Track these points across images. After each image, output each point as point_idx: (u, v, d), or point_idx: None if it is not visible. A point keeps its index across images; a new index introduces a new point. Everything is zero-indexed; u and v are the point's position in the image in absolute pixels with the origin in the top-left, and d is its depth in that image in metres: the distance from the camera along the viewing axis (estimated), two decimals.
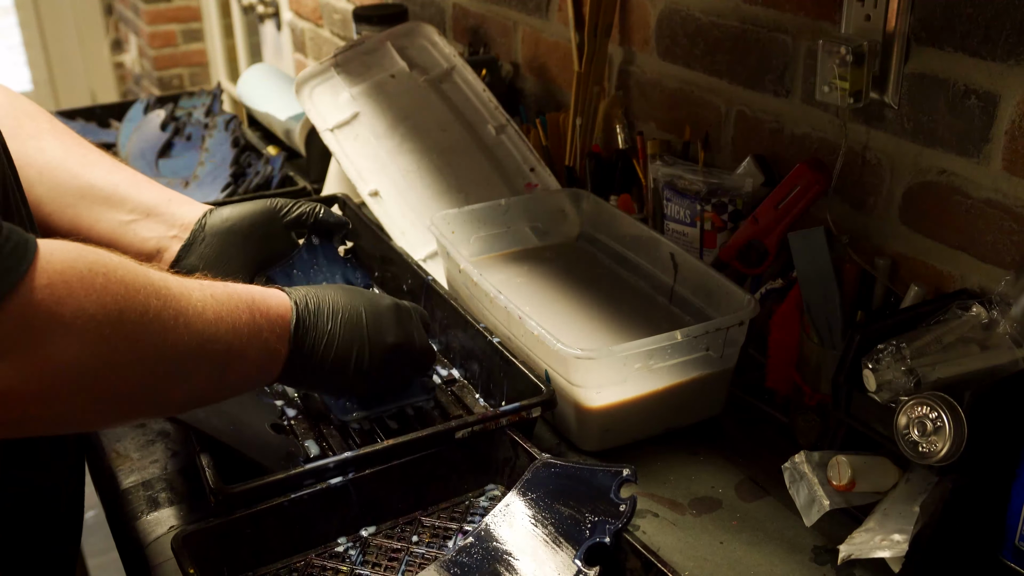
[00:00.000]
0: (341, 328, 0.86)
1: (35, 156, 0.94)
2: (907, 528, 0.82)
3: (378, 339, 0.89)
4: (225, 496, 0.83)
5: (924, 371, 0.83)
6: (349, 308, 0.88)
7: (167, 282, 0.71)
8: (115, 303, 0.65)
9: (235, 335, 0.76)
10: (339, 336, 0.86)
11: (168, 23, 3.90)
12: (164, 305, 0.69)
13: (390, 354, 0.90)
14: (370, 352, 0.88)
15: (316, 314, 0.85)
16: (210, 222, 0.99)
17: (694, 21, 1.29)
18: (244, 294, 0.80)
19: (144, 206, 0.97)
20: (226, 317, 0.75)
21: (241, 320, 0.77)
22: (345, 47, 1.46)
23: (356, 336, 0.87)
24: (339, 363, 0.86)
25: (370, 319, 0.89)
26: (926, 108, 1.01)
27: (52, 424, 0.68)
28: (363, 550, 0.87)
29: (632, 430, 1.03)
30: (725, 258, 1.17)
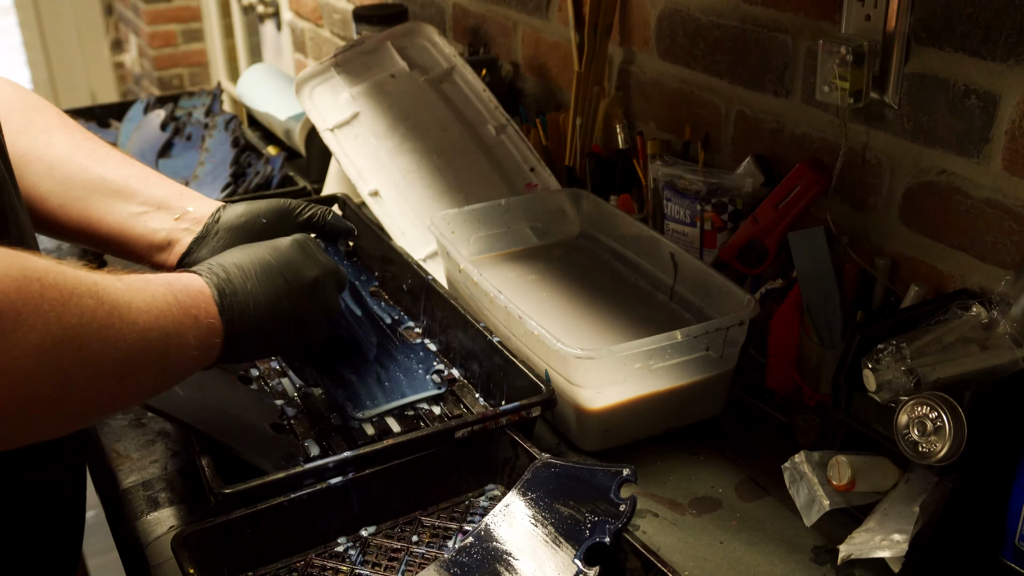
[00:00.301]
0: (259, 282, 0.84)
1: (45, 150, 0.94)
2: (907, 528, 0.82)
3: (297, 280, 0.87)
4: (225, 496, 0.83)
5: (924, 371, 0.83)
6: (257, 262, 0.86)
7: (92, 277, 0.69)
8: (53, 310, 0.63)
9: (168, 320, 0.74)
10: (261, 291, 0.84)
11: (168, 23, 3.90)
12: (99, 303, 0.67)
13: (314, 288, 0.88)
14: (297, 295, 0.87)
15: (229, 280, 0.83)
16: (224, 217, 0.98)
17: (694, 21, 1.29)
18: (157, 278, 0.78)
19: (155, 199, 0.97)
20: (153, 304, 0.73)
21: (167, 304, 0.75)
22: (345, 47, 1.46)
23: (276, 285, 0.85)
24: (273, 317, 0.85)
25: (281, 264, 0.87)
26: (926, 108, 1.01)
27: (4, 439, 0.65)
28: (363, 550, 0.87)
29: (632, 430, 1.03)
30: (725, 258, 1.17)
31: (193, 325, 0.77)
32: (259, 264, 0.85)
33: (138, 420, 1.06)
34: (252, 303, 0.83)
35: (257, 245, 0.88)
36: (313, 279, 0.88)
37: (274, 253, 0.87)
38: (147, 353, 0.72)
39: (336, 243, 1.11)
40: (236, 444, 0.90)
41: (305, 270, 0.88)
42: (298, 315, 0.87)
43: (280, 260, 0.87)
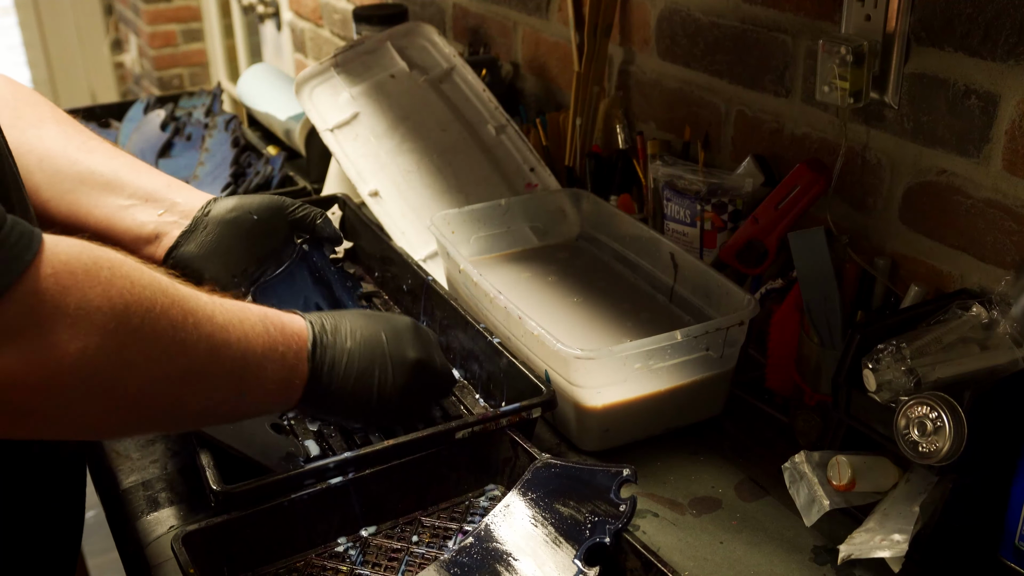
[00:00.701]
0: (361, 346, 0.85)
1: (35, 143, 0.94)
2: (907, 528, 0.82)
3: (399, 356, 0.87)
4: (225, 496, 0.83)
5: (924, 371, 0.83)
6: (367, 328, 0.86)
7: (174, 283, 0.70)
8: (120, 297, 0.64)
9: (249, 345, 0.74)
10: (359, 355, 0.84)
11: (168, 23, 3.90)
12: (172, 303, 0.68)
13: (412, 372, 0.88)
14: (393, 370, 0.86)
15: (333, 333, 0.84)
16: (214, 211, 0.97)
17: (694, 21, 1.29)
18: (256, 308, 0.78)
19: (143, 191, 0.96)
20: (238, 325, 0.73)
21: (255, 331, 0.75)
22: (345, 47, 1.46)
23: (377, 354, 0.85)
24: (361, 383, 0.85)
25: (390, 337, 0.87)
26: (926, 108, 1.01)
27: (57, 422, 0.67)
28: (363, 550, 0.87)
29: (632, 430, 1.03)
30: (725, 258, 1.17)
31: (278, 360, 0.77)
32: (367, 328, 0.86)
33: None
34: (345, 360, 0.83)
35: (376, 313, 0.90)
36: (415, 361, 0.88)
37: (388, 325, 0.88)
38: (218, 369, 0.72)
39: (322, 248, 1.10)
40: (236, 444, 0.90)
41: (409, 351, 0.88)
42: (382, 390, 0.86)
43: (390, 332, 0.87)
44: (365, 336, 0.85)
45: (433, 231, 1.20)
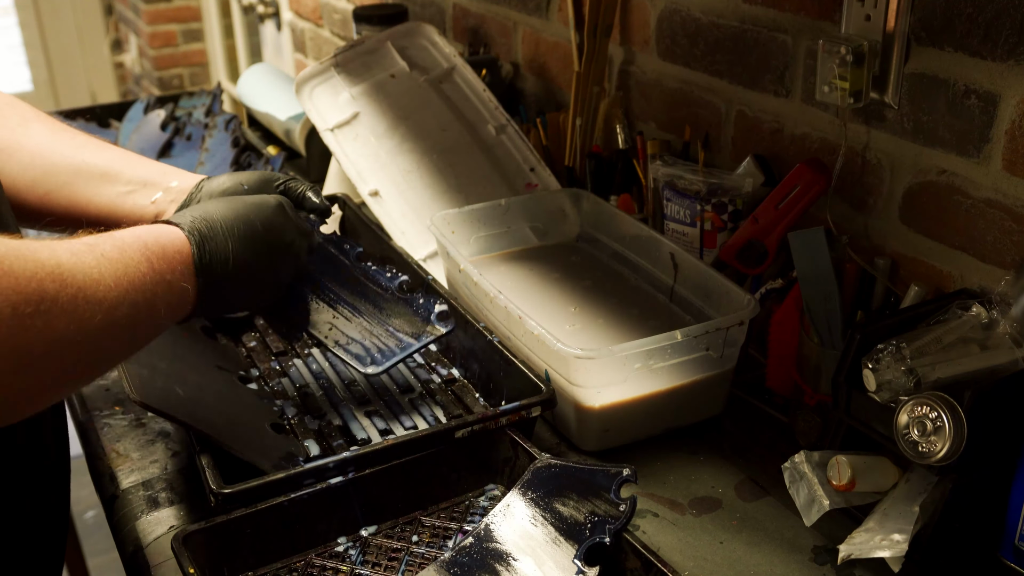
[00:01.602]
0: (240, 241, 0.86)
1: (24, 141, 0.95)
2: (907, 528, 0.82)
3: (277, 241, 0.89)
4: (225, 496, 0.83)
5: (924, 371, 0.83)
6: (241, 219, 0.87)
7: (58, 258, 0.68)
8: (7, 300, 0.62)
9: (139, 293, 0.74)
10: (241, 249, 0.85)
11: (168, 23, 3.90)
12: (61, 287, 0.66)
13: (288, 249, 0.91)
14: (275, 255, 0.89)
15: (212, 238, 0.84)
16: (207, 187, 0.99)
17: (694, 21, 1.29)
18: (135, 242, 0.77)
19: (139, 178, 0.99)
20: (124, 277, 0.73)
21: (141, 273, 0.75)
22: (345, 47, 1.46)
23: (256, 247, 0.87)
24: (248, 276, 0.86)
25: (264, 224, 0.88)
26: (926, 108, 1.01)
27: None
28: (363, 550, 0.87)
29: (632, 430, 1.03)
30: (725, 258, 1.17)
31: (165, 292, 0.78)
32: (242, 221, 0.87)
33: (138, 420, 1.06)
34: (232, 261, 0.84)
35: (242, 200, 0.90)
36: (290, 242, 0.91)
37: (258, 212, 0.89)
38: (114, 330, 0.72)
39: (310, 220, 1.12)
40: (236, 444, 0.90)
41: (285, 233, 0.90)
42: (271, 274, 0.90)
43: (264, 221, 0.88)
44: (241, 229, 0.86)
45: (433, 231, 1.20)
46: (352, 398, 1.07)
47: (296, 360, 1.15)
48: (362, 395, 1.07)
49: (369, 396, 1.07)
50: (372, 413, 1.04)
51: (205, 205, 0.87)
